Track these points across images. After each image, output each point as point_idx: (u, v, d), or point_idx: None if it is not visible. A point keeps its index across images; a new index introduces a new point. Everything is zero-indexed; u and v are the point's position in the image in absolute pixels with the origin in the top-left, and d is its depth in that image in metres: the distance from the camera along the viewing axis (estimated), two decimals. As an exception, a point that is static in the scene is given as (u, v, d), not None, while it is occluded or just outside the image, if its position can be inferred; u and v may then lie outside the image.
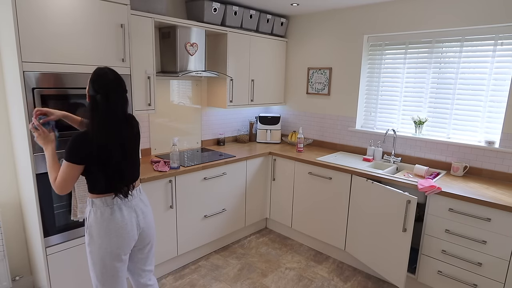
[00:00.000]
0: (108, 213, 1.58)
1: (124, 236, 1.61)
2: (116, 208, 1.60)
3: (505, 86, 2.47)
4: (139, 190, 1.74)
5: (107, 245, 1.59)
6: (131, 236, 1.64)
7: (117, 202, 1.61)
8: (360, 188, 2.65)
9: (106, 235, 1.58)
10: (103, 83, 1.53)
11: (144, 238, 1.74)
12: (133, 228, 1.65)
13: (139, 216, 1.68)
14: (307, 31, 3.56)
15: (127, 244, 1.64)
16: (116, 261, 1.63)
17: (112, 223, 1.58)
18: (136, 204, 1.68)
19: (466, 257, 2.17)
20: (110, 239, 1.58)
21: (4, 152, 2.24)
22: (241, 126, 3.85)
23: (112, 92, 1.54)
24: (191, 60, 2.88)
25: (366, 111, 3.31)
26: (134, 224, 1.65)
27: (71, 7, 1.89)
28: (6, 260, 2.17)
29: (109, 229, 1.58)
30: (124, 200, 1.62)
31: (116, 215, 1.59)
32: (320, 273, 2.78)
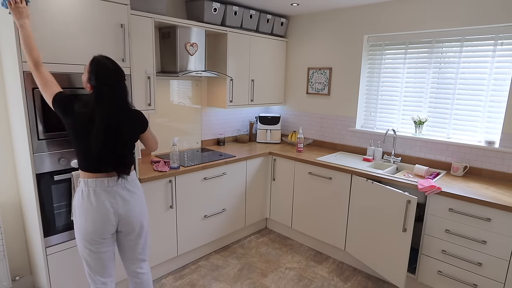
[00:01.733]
0: (86, 194, 1.65)
1: (97, 219, 1.65)
2: (91, 191, 1.65)
3: (505, 86, 2.47)
4: (126, 178, 1.74)
5: (83, 226, 1.66)
6: (105, 221, 1.67)
7: (95, 185, 1.65)
8: (360, 188, 2.65)
9: (82, 216, 1.66)
10: (105, 75, 1.64)
11: (126, 225, 1.75)
12: (109, 213, 1.67)
13: (118, 202, 1.70)
14: (307, 31, 3.57)
15: (101, 228, 1.67)
16: (93, 244, 1.68)
17: (88, 205, 1.65)
18: (117, 191, 1.70)
19: (466, 257, 2.17)
20: (85, 220, 1.65)
21: (4, 152, 2.24)
22: (241, 126, 3.85)
23: (114, 83, 1.66)
24: (191, 60, 2.88)
25: (366, 111, 3.31)
26: (111, 210, 1.68)
27: (71, 7, 1.89)
28: (6, 260, 2.17)
29: (85, 210, 1.65)
30: (105, 184, 1.66)
31: (91, 198, 1.65)
32: (320, 273, 2.78)
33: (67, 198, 2.02)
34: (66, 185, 2.01)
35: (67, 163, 1.99)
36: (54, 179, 1.94)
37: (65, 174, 1.98)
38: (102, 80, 1.62)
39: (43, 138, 1.88)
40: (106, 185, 1.67)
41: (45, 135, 1.88)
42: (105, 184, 1.67)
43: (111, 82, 1.65)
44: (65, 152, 1.97)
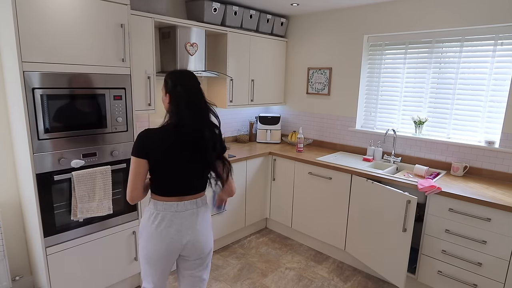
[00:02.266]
0: (154, 218, 1.54)
1: (163, 246, 1.54)
2: (163, 216, 1.53)
3: (505, 86, 2.47)
4: (196, 203, 1.59)
5: (147, 249, 1.55)
6: (171, 248, 1.55)
7: (166, 210, 1.53)
8: (360, 188, 2.65)
9: (147, 239, 1.55)
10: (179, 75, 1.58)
11: (192, 252, 1.61)
12: (175, 240, 1.55)
13: (187, 230, 1.56)
14: (307, 31, 3.57)
15: (165, 255, 1.56)
16: (152, 268, 1.58)
17: (154, 230, 1.53)
18: (186, 217, 1.56)
19: (466, 257, 2.17)
20: (149, 244, 1.55)
21: (4, 152, 2.24)
22: (241, 126, 3.85)
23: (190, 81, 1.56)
24: (191, 60, 2.88)
25: (366, 111, 3.31)
26: (177, 236, 1.55)
27: (71, 7, 1.89)
28: (6, 260, 2.17)
29: (151, 234, 1.54)
30: (173, 209, 1.54)
31: (160, 223, 1.53)
32: (320, 273, 2.78)
33: (67, 198, 2.03)
34: (66, 185, 2.01)
35: (67, 163, 1.99)
36: (54, 179, 1.95)
37: (65, 174, 1.99)
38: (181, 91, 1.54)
39: (43, 138, 1.88)
40: (176, 209, 1.55)
41: (45, 135, 1.88)
42: (176, 208, 1.55)
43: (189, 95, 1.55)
44: (65, 152, 1.97)
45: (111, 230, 2.25)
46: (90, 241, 2.16)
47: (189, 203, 1.57)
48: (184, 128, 1.51)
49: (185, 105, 1.51)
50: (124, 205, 2.28)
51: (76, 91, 1.97)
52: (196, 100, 1.55)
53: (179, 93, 1.52)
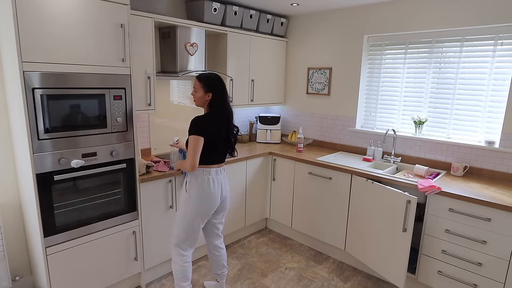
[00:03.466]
0: (206, 181, 2.08)
1: (213, 201, 2.12)
2: (210, 178, 2.09)
3: (505, 86, 2.47)
4: (224, 169, 2.20)
5: (200, 206, 2.09)
6: (216, 201, 2.14)
7: (212, 174, 2.09)
8: (360, 188, 2.65)
9: (201, 197, 2.07)
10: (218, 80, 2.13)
11: (223, 206, 2.24)
12: (219, 196, 2.15)
13: (223, 188, 2.17)
14: (307, 31, 3.57)
15: (212, 207, 2.14)
16: (201, 220, 2.13)
17: (207, 190, 2.08)
18: (222, 179, 2.17)
19: (466, 257, 2.17)
20: (203, 202, 2.08)
21: (4, 152, 2.23)
22: (241, 126, 3.84)
23: (224, 85, 2.15)
24: (191, 60, 2.88)
25: (366, 111, 3.31)
26: (219, 193, 2.14)
27: (71, 7, 1.89)
28: (6, 260, 2.17)
29: (204, 194, 2.08)
30: (216, 173, 2.12)
31: (210, 184, 2.09)
32: (320, 273, 2.78)
33: (67, 198, 2.03)
34: (66, 185, 2.01)
35: (67, 163, 1.99)
36: (54, 179, 1.94)
37: (65, 174, 1.99)
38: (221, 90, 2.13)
39: (43, 138, 1.88)
40: (217, 172, 2.13)
41: (45, 135, 1.88)
42: (217, 172, 2.13)
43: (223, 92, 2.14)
44: (65, 152, 1.97)
45: (111, 230, 2.25)
46: (90, 241, 2.16)
47: (223, 168, 2.20)
48: (224, 116, 2.11)
49: (224, 101, 2.12)
50: (124, 205, 2.29)
51: (76, 91, 1.97)
52: (227, 98, 2.16)
53: (221, 92, 2.11)
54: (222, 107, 2.12)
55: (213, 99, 2.09)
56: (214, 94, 2.09)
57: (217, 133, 2.08)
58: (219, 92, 2.10)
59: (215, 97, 2.09)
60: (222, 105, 2.11)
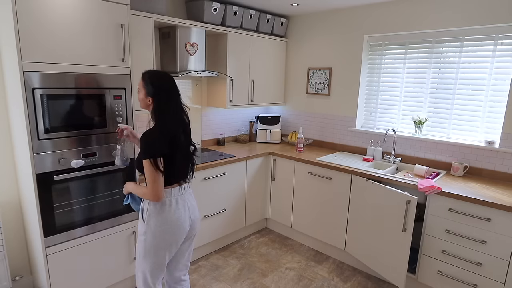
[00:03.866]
0: (167, 205, 1.65)
1: (179, 228, 1.69)
2: (173, 200, 1.67)
3: (505, 86, 2.47)
4: (189, 186, 1.81)
5: (164, 238, 1.65)
6: (184, 228, 1.71)
7: (174, 195, 1.68)
8: (360, 188, 2.65)
9: (164, 227, 1.64)
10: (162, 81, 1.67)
11: (191, 230, 1.80)
12: (187, 220, 1.73)
13: (190, 209, 1.75)
14: (307, 31, 3.57)
15: (180, 236, 1.71)
16: (167, 252, 1.70)
17: (171, 215, 1.66)
18: (188, 198, 1.76)
19: (466, 257, 2.17)
20: (167, 232, 1.65)
21: (4, 152, 2.23)
22: (241, 126, 3.85)
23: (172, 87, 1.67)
24: (191, 60, 2.88)
25: (366, 111, 3.31)
26: (187, 216, 1.73)
27: (71, 7, 1.89)
28: (6, 260, 2.17)
29: (168, 221, 1.65)
30: (180, 192, 1.70)
31: (173, 207, 1.66)
32: (320, 273, 2.78)
33: (67, 198, 2.03)
34: (66, 185, 2.01)
35: (67, 163, 1.99)
36: (54, 179, 1.95)
37: (65, 174, 1.99)
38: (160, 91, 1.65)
39: (43, 138, 1.88)
40: (181, 192, 1.72)
41: (45, 135, 1.88)
42: (180, 192, 1.72)
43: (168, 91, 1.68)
44: (65, 152, 1.97)
45: (111, 230, 2.25)
46: (90, 241, 2.16)
47: (188, 185, 1.79)
48: (170, 134, 1.63)
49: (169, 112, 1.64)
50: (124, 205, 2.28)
51: (76, 91, 1.97)
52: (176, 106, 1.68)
53: (166, 99, 1.63)
54: (166, 120, 1.62)
55: (155, 106, 1.63)
56: (155, 100, 1.63)
57: (171, 148, 1.63)
58: (162, 99, 1.62)
59: (157, 105, 1.63)
60: (166, 117, 1.62)
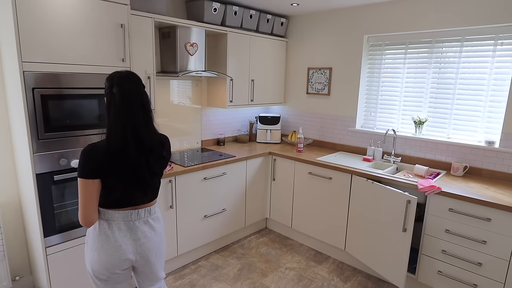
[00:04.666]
0: (105, 228, 1.44)
1: (113, 256, 1.45)
2: (115, 225, 1.44)
3: (505, 86, 2.47)
4: (149, 211, 1.53)
5: (96, 261, 1.45)
6: (122, 259, 1.47)
7: (117, 219, 1.45)
8: (360, 188, 2.65)
9: (96, 250, 1.44)
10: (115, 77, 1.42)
11: (144, 263, 1.56)
12: (128, 251, 1.47)
13: (140, 239, 1.49)
14: (307, 31, 3.56)
15: (114, 266, 1.46)
16: (101, 280, 1.49)
17: (106, 240, 1.44)
18: (138, 226, 1.49)
19: (466, 257, 2.17)
20: (99, 256, 1.44)
21: (4, 152, 2.23)
22: (241, 126, 3.85)
23: (126, 82, 1.40)
24: (191, 60, 2.88)
25: (366, 111, 3.31)
26: (130, 247, 1.47)
27: (71, 7, 1.89)
28: (6, 260, 2.17)
29: (101, 245, 1.44)
30: (128, 217, 1.46)
31: (112, 233, 1.44)
32: (320, 273, 2.78)
33: (67, 198, 2.03)
34: (66, 185, 2.01)
35: (67, 163, 1.99)
36: (54, 179, 1.95)
37: (65, 174, 1.99)
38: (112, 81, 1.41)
39: (43, 138, 1.88)
40: (128, 218, 1.47)
41: (45, 135, 1.88)
42: (128, 218, 1.47)
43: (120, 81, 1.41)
44: (65, 152, 1.97)
45: (111, 230, 2.25)
46: (90, 241, 2.16)
47: (147, 210, 1.53)
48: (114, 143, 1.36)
49: (117, 113, 1.36)
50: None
51: (76, 91, 1.97)
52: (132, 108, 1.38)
53: (114, 97, 1.37)
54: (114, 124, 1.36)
55: (106, 107, 1.40)
56: (106, 99, 1.41)
57: (117, 167, 1.38)
58: (113, 97, 1.37)
59: (107, 105, 1.40)
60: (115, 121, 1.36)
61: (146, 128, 1.44)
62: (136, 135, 1.40)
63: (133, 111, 1.40)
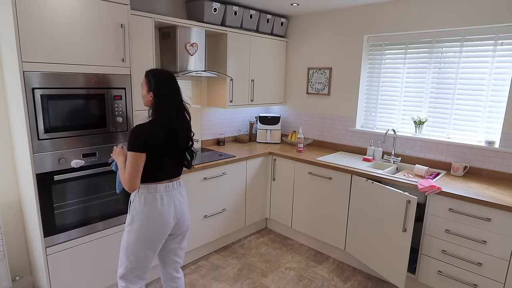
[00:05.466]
0: (151, 200, 1.71)
1: (162, 223, 1.74)
2: (158, 196, 1.73)
3: (505, 86, 2.47)
4: (179, 183, 1.86)
5: (145, 232, 1.71)
6: (168, 224, 1.76)
7: (160, 191, 1.74)
8: (360, 188, 2.65)
9: (146, 221, 1.71)
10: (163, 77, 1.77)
11: (179, 228, 1.85)
12: (170, 217, 1.77)
13: (176, 206, 1.80)
14: (307, 31, 3.57)
15: (163, 231, 1.76)
16: (150, 249, 1.75)
17: (153, 210, 1.71)
18: (175, 195, 1.81)
19: (466, 257, 2.17)
20: (149, 226, 1.71)
21: (4, 152, 2.23)
22: (241, 126, 3.85)
23: (171, 82, 1.77)
24: (191, 60, 2.88)
25: (366, 111, 3.31)
26: (172, 213, 1.77)
27: (71, 7, 1.89)
28: (6, 260, 2.17)
29: (150, 215, 1.71)
30: (166, 189, 1.76)
31: (157, 203, 1.72)
32: (320, 273, 2.78)
33: (67, 198, 2.03)
34: (66, 185, 2.01)
35: (67, 163, 1.99)
36: (54, 179, 1.95)
37: (65, 174, 1.99)
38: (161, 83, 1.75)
39: (43, 138, 1.88)
40: (168, 189, 1.77)
41: (45, 135, 1.88)
42: (168, 188, 1.78)
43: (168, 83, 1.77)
44: (65, 152, 1.97)
45: (111, 230, 2.25)
46: (90, 241, 2.16)
47: (178, 183, 1.85)
48: (168, 125, 1.72)
49: (169, 105, 1.74)
50: (124, 205, 2.28)
51: (76, 91, 1.97)
52: (176, 101, 1.77)
53: (166, 93, 1.73)
54: (165, 112, 1.72)
55: (156, 100, 1.73)
56: (156, 94, 1.73)
57: (163, 144, 1.71)
58: (163, 93, 1.72)
59: (157, 98, 1.73)
60: (165, 110, 1.72)
61: (186, 116, 1.82)
62: (180, 120, 1.78)
63: (178, 104, 1.78)
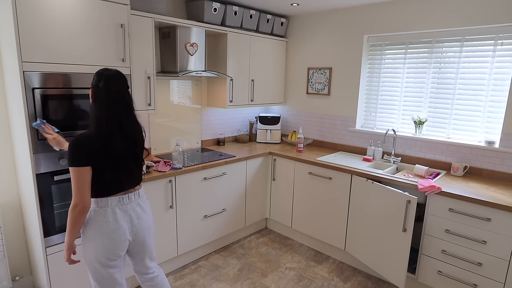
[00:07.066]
0: (101, 215, 1.56)
1: (116, 238, 1.58)
2: (109, 210, 1.57)
3: (505, 86, 2.47)
4: (138, 194, 1.69)
5: (98, 250, 1.56)
6: (123, 240, 1.61)
7: (111, 205, 1.58)
8: (360, 188, 2.65)
9: (98, 238, 1.56)
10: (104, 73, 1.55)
11: (139, 243, 1.71)
12: (126, 232, 1.61)
13: (133, 220, 1.64)
14: (307, 31, 3.57)
15: (117, 248, 1.60)
16: (106, 266, 1.59)
17: (104, 226, 1.56)
18: (132, 208, 1.64)
19: (466, 257, 2.17)
20: (101, 241, 1.56)
21: (4, 152, 2.24)
22: (241, 126, 3.85)
23: (112, 79, 1.55)
24: (191, 60, 2.88)
25: (366, 111, 3.31)
26: (127, 228, 1.62)
27: (71, 7, 1.89)
28: (6, 260, 2.17)
29: (101, 231, 1.56)
30: (120, 202, 1.60)
31: (108, 218, 1.56)
32: (320, 273, 2.78)
33: (67, 198, 2.03)
34: (66, 185, 2.01)
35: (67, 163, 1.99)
36: (54, 179, 1.95)
37: (65, 174, 1.99)
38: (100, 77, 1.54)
39: (43, 138, 1.88)
40: (122, 202, 1.61)
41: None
42: (121, 201, 1.61)
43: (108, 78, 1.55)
44: (65, 152, 1.97)
45: (111, 230, 2.25)
46: (90, 241, 2.16)
47: (136, 194, 1.68)
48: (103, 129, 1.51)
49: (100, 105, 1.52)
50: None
51: (76, 91, 1.98)
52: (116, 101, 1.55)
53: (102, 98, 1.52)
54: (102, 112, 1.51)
55: (92, 98, 1.55)
56: (93, 90, 1.54)
57: (107, 153, 1.52)
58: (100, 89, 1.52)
59: (94, 96, 1.54)
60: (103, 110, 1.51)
61: (128, 120, 1.61)
62: (120, 125, 1.56)
63: (118, 106, 1.56)
